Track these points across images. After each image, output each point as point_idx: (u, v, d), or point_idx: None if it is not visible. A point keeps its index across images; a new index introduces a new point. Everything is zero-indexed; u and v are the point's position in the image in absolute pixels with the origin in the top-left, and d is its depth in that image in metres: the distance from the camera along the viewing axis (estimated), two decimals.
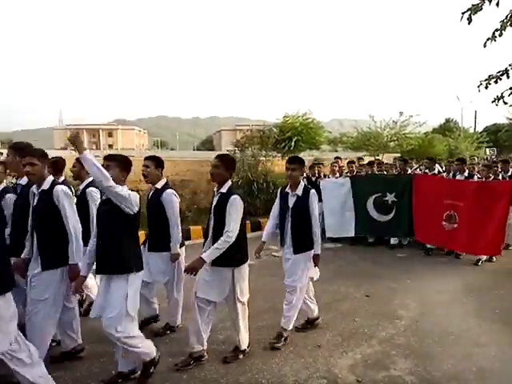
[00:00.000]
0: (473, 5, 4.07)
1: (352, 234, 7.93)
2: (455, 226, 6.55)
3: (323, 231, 8.81)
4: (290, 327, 3.87)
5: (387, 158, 13.00)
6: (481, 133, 22.52)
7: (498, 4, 3.94)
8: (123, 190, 2.92)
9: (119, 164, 3.04)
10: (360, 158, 9.66)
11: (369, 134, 15.34)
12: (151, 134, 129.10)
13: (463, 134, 21.55)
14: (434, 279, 5.81)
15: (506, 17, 4.08)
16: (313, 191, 3.86)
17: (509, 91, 4.41)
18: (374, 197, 7.62)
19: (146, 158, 4.04)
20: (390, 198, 7.46)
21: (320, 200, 8.43)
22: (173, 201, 3.89)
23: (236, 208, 3.28)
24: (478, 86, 4.59)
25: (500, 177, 7.27)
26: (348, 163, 9.10)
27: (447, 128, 31.11)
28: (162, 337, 3.99)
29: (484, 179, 6.66)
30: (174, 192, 3.96)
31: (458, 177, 7.27)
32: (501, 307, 4.73)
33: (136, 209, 2.99)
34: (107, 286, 3.00)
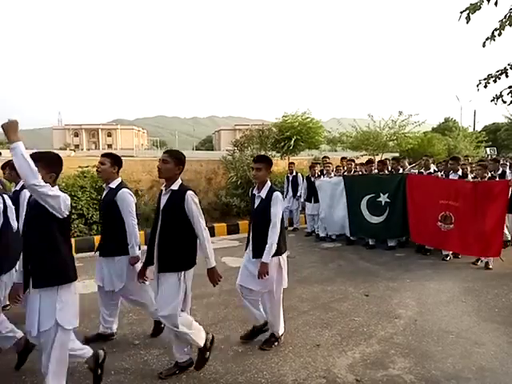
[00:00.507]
0: (471, 4, 4.07)
1: (348, 233, 7.95)
2: (451, 226, 6.49)
3: (313, 232, 8.79)
4: (281, 332, 3.77)
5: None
6: (480, 132, 22.51)
7: (496, 3, 3.94)
8: (52, 189, 2.54)
9: (46, 163, 2.66)
10: (350, 159, 9.32)
11: (368, 133, 15.34)
12: (150, 133, 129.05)
13: (462, 133, 21.53)
14: (433, 278, 5.81)
15: (505, 16, 4.08)
16: (276, 193, 3.58)
17: (508, 90, 4.42)
18: (367, 197, 7.57)
19: (103, 155, 3.86)
20: (384, 198, 7.39)
21: (316, 201, 8.59)
22: (127, 200, 3.66)
23: (193, 206, 3.09)
24: (477, 86, 4.59)
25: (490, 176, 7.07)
26: (347, 161, 8.96)
27: (446, 127, 31.10)
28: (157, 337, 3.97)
29: (480, 179, 6.58)
30: (130, 191, 3.74)
31: (452, 176, 7.11)
32: (500, 306, 4.74)
33: (66, 213, 2.63)
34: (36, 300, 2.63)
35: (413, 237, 7.16)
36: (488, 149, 20.47)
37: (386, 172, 8.08)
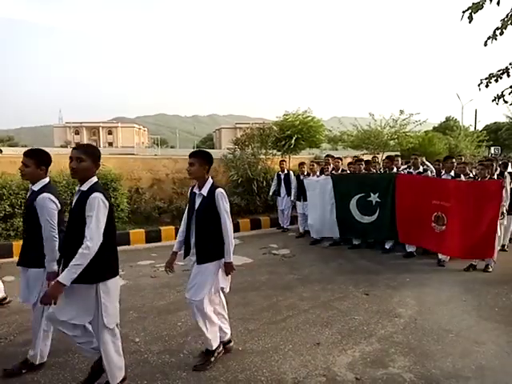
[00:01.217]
0: (473, 3, 4.06)
1: (337, 235, 7.76)
2: (443, 228, 6.33)
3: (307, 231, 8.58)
4: (215, 346, 3.39)
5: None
6: (481, 131, 22.49)
7: (498, 3, 3.93)
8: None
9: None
10: (337, 158, 8.92)
11: (369, 132, 15.32)
12: (151, 131, 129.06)
13: (463, 132, 21.53)
14: (433, 277, 5.81)
15: (507, 15, 4.07)
16: (219, 190, 3.31)
17: (509, 90, 4.41)
18: (357, 197, 7.40)
19: (25, 155, 3.24)
20: (374, 198, 7.23)
21: (305, 199, 8.45)
22: (46, 207, 3.07)
23: (93, 209, 2.64)
24: (479, 85, 4.59)
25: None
26: (334, 159, 8.64)
27: (447, 126, 31.12)
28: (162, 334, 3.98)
29: (480, 178, 6.39)
30: (52, 197, 3.12)
31: (444, 176, 6.86)
32: (500, 306, 4.74)
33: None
34: None
35: (400, 237, 6.95)
36: (492, 148, 20.38)
37: (374, 171, 7.88)
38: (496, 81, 4.42)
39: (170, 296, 5.03)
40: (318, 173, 8.44)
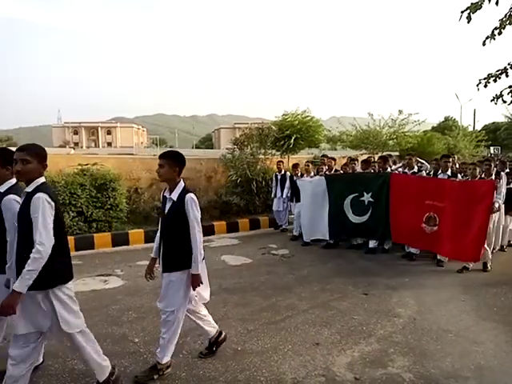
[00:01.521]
0: (472, 3, 4.07)
1: (327, 237, 7.59)
2: (435, 228, 6.19)
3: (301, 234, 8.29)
4: (165, 360, 3.21)
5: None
6: (480, 131, 22.51)
7: (497, 3, 3.94)
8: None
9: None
10: (331, 157, 8.72)
11: (368, 132, 15.34)
12: (150, 131, 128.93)
13: (462, 132, 21.53)
14: (432, 277, 5.82)
15: (506, 15, 4.08)
16: (190, 196, 3.11)
17: (508, 90, 4.43)
18: (351, 197, 7.29)
19: None
20: (367, 198, 7.11)
21: (298, 200, 8.36)
22: (13, 209, 2.80)
23: (38, 209, 2.50)
24: (478, 85, 4.60)
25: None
26: (328, 159, 8.47)
27: (446, 126, 31.13)
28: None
29: (470, 178, 6.23)
30: (18, 198, 2.85)
31: (441, 176, 6.65)
32: (499, 305, 4.75)
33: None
34: None
35: (394, 237, 6.85)
36: (492, 148, 20.29)
37: (372, 171, 7.75)
38: (495, 81, 4.44)
39: None
40: (312, 173, 8.36)
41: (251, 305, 4.76)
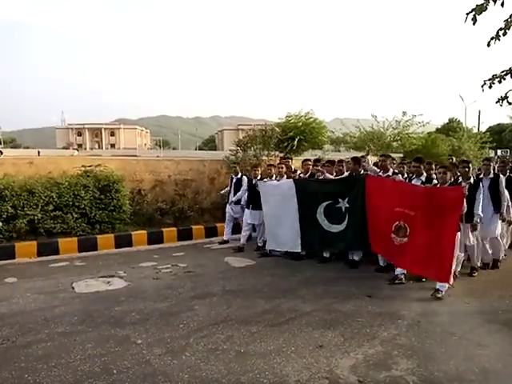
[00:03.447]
0: (477, 5, 4.06)
1: (298, 249, 6.76)
2: (404, 239, 5.40)
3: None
4: None
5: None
6: (484, 133, 22.42)
7: (502, 4, 3.92)
8: None
9: None
10: (306, 159, 8.11)
11: (371, 133, 15.30)
12: (153, 133, 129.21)
13: (467, 133, 21.44)
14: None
15: (511, 16, 4.06)
16: None
17: None
18: (325, 204, 6.50)
19: None
20: (343, 204, 6.35)
21: (257, 208, 7.33)
22: None
23: None
24: (482, 86, 4.58)
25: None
26: (303, 161, 7.76)
27: (451, 128, 31.00)
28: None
29: (440, 185, 5.44)
30: None
31: (414, 181, 5.88)
32: (504, 308, 4.71)
33: None
34: None
35: (372, 247, 6.09)
36: (499, 150, 20.03)
37: (347, 174, 6.83)
38: (499, 82, 4.42)
39: (172, 298, 5.02)
40: (274, 176, 7.43)
41: (254, 307, 4.74)
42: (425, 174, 5.94)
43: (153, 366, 3.37)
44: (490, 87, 4.53)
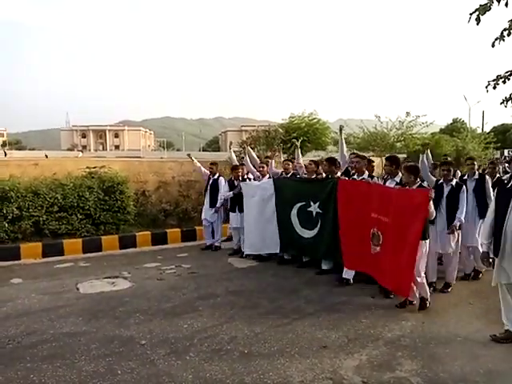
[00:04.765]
0: (481, 5, 4.05)
1: (277, 250, 6.56)
2: (377, 249, 4.94)
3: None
4: None
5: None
6: (488, 133, 22.33)
7: (506, 4, 3.91)
8: None
9: None
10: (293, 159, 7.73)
11: (375, 134, 15.30)
12: (157, 134, 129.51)
13: (471, 134, 21.36)
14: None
15: None
16: None
17: None
18: (298, 206, 6.19)
19: None
20: (315, 208, 5.97)
21: (241, 210, 7.00)
22: None
23: None
24: (486, 87, 4.57)
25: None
26: (284, 161, 7.31)
27: (454, 128, 30.90)
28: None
29: (408, 186, 4.85)
30: None
31: (389, 183, 5.25)
32: None
33: None
34: None
35: (345, 263, 5.44)
36: (506, 150, 19.87)
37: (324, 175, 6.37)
38: (504, 82, 4.41)
39: (176, 298, 5.03)
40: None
41: (258, 307, 4.75)
42: (400, 175, 5.15)
43: (157, 367, 3.39)
44: (495, 88, 4.52)
